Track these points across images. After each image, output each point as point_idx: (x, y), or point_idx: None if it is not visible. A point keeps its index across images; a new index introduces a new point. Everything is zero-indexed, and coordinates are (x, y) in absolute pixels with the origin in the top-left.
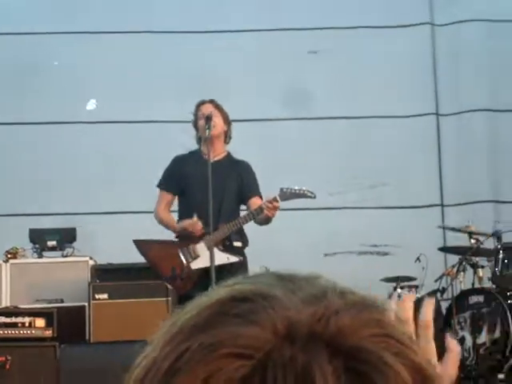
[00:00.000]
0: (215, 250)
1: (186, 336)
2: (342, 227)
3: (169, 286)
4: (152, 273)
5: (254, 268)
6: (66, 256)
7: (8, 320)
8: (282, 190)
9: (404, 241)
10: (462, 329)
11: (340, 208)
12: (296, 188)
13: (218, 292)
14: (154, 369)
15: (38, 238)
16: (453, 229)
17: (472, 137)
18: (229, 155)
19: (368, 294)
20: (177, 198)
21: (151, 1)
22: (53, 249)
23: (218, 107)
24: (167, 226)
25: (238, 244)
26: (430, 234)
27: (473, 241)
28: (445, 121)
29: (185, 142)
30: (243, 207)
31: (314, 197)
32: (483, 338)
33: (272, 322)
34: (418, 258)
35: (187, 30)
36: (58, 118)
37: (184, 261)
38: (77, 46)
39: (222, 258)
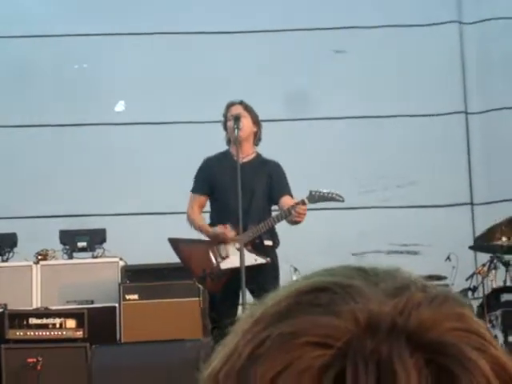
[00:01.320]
0: (244, 250)
1: (267, 324)
2: (370, 226)
3: (200, 286)
4: (182, 273)
5: (282, 267)
6: (97, 257)
7: (39, 321)
8: (310, 192)
9: (434, 240)
10: (493, 327)
11: (369, 207)
12: (325, 191)
13: (299, 282)
14: (234, 356)
15: (69, 240)
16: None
17: (501, 135)
18: (258, 156)
19: (450, 289)
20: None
21: (174, 3)
22: (83, 250)
23: (247, 108)
24: (200, 229)
25: (268, 243)
26: (460, 233)
27: (504, 238)
28: (474, 119)
29: (213, 142)
30: (275, 207)
31: (343, 200)
32: None
33: (353, 312)
34: (448, 257)
35: (208, 31)
36: (84, 119)
37: (214, 261)
38: (105, 47)
39: (250, 258)
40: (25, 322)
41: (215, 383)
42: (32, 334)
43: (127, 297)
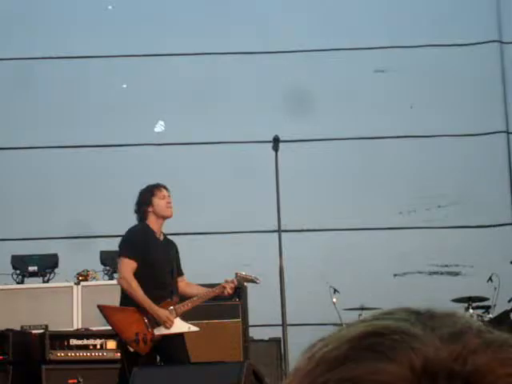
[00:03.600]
0: (178, 319)
1: (326, 369)
2: (412, 247)
3: (130, 349)
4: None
5: (321, 287)
6: None
7: (80, 342)
8: (236, 274)
9: (475, 260)
10: None
11: (410, 228)
12: (247, 274)
13: (358, 326)
14: None
15: (109, 261)
16: None
17: None
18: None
19: (506, 333)
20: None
21: (217, 24)
22: None
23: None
24: (143, 302)
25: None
26: (502, 254)
27: None
28: None
29: (254, 160)
30: None
31: (259, 282)
32: None
33: (410, 358)
34: (490, 278)
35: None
36: (124, 140)
37: (149, 327)
38: (143, 68)
39: (184, 326)
40: (65, 343)
41: None
42: (73, 354)
43: None
